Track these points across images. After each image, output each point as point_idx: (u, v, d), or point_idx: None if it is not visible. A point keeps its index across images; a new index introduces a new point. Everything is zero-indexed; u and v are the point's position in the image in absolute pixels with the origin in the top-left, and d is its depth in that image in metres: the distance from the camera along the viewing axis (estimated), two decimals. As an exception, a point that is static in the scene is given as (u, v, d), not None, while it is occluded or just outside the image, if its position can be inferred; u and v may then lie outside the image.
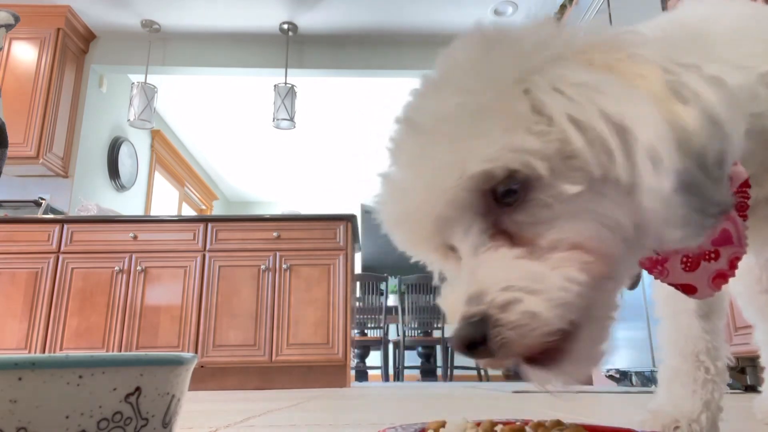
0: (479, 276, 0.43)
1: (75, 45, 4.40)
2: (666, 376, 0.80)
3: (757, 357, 1.07)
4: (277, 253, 3.59)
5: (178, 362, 0.49)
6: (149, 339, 3.43)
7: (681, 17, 0.68)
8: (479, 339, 0.41)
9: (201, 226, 3.63)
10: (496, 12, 4.28)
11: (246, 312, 3.49)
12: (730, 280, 0.59)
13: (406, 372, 5.80)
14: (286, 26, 4.49)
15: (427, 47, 4.58)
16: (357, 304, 5.50)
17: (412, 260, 0.56)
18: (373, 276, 5.69)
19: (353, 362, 5.26)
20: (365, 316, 5.59)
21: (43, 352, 3.37)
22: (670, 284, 0.62)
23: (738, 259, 0.58)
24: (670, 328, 0.81)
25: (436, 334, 5.64)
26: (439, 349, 5.82)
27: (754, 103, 0.56)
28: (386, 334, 5.64)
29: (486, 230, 0.45)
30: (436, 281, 0.55)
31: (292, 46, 4.64)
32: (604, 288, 0.44)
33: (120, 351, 3.39)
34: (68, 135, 4.26)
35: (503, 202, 0.44)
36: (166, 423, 0.48)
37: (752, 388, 2.24)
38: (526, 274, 0.42)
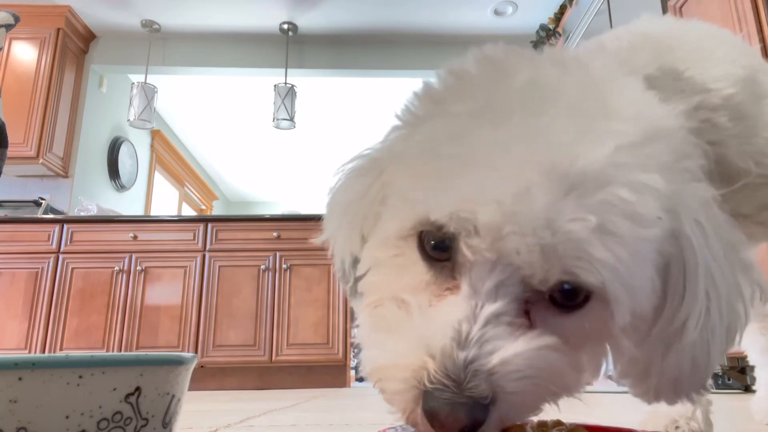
0: (504, 351, 0.38)
1: (75, 45, 4.40)
2: None
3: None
4: (277, 253, 3.58)
5: (178, 362, 0.49)
6: (149, 339, 3.43)
7: (643, 30, 0.68)
8: (481, 422, 0.37)
9: (201, 226, 3.63)
10: (496, 12, 4.27)
11: (246, 312, 3.48)
12: None
13: (406, 372, 5.78)
14: (286, 26, 4.49)
15: (427, 47, 4.58)
16: (357, 304, 5.48)
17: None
18: (373, 276, 5.66)
19: (353, 362, 5.26)
20: (365, 316, 5.57)
21: (43, 352, 3.36)
22: None
23: None
24: None
25: (436, 334, 5.62)
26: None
27: (713, 131, 0.58)
28: (386, 334, 5.61)
29: (520, 300, 0.40)
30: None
31: (292, 46, 4.64)
32: None
33: (120, 351, 3.39)
34: (68, 135, 4.25)
35: (556, 293, 0.40)
36: (166, 423, 0.48)
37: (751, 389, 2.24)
38: (548, 367, 0.39)
